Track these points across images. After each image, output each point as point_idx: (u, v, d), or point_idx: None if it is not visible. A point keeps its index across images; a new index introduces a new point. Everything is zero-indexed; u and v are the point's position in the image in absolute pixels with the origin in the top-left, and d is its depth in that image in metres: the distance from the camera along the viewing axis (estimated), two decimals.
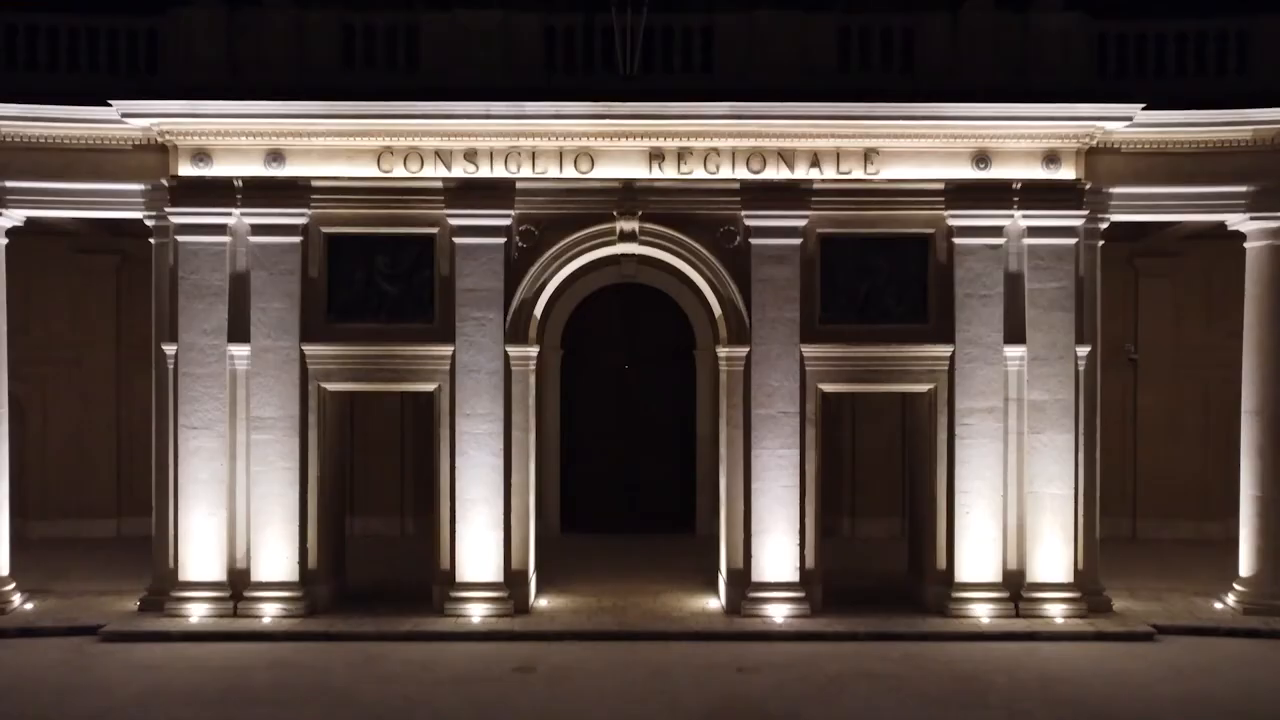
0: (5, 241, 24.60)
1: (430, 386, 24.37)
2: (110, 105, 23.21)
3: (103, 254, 32.56)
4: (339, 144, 23.75)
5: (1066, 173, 23.94)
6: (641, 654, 22.31)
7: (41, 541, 31.56)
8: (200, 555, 23.93)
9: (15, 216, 24.55)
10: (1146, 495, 33.38)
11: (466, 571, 24.02)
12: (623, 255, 25.58)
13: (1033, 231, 24.06)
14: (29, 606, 24.73)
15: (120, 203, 24.51)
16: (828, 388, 24.47)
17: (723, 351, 24.70)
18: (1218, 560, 28.12)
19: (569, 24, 24.25)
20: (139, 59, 24.38)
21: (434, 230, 24.21)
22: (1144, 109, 23.50)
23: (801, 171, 23.92)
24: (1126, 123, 23.55)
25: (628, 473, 33.99)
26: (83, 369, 33.25)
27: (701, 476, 33.54)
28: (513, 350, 24.18)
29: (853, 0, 25.01)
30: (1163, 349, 33.24)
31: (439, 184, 23.92)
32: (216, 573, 23.95)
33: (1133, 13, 24.88)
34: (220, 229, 23.91)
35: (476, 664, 21.75)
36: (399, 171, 23.86)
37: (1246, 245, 24.74)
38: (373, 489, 33.60)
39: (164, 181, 23.93)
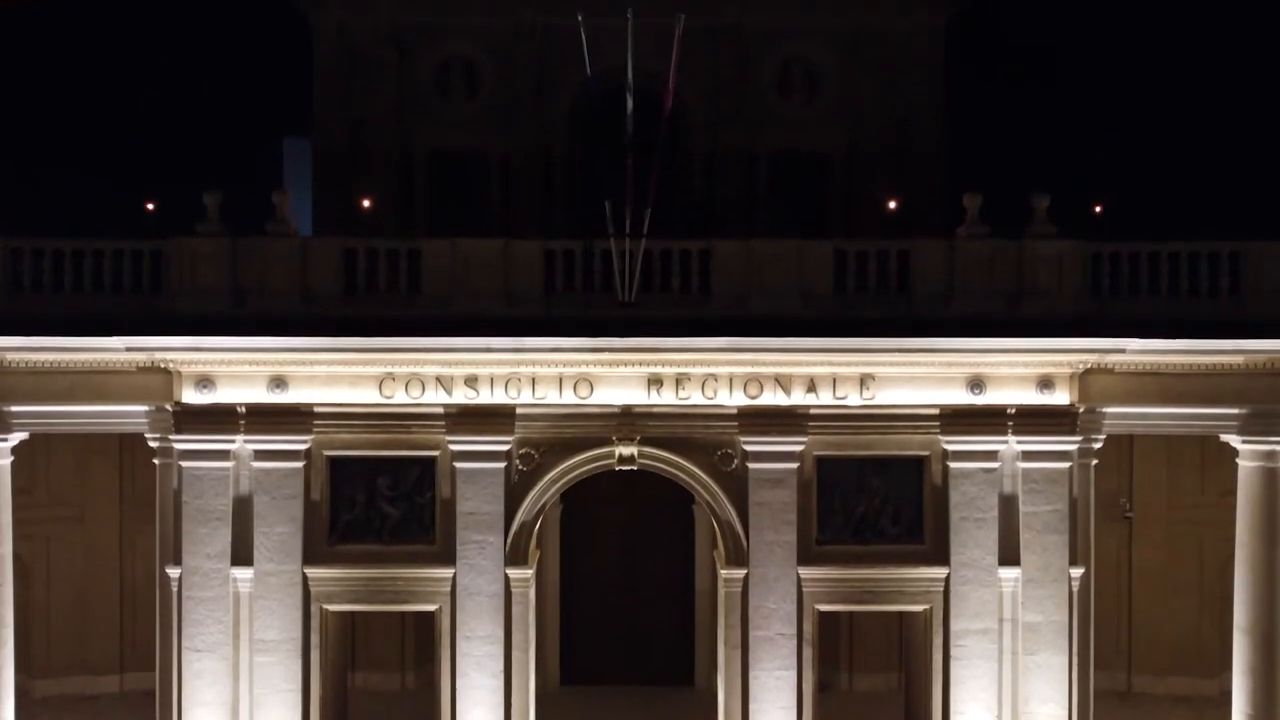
0: (10, 460, 24.87)
1: (431, 607, 24.69)
2: (115, 337, 23.45)
3: None
4: (341, 371, 24.04)
5: (1060, 397, 24.22)
6: None
7: (46, 701, 31.88)
8: None
9: (18, 435, 24.83)
10: (1141, 649, 33.65)
11: None
12: None
13: (1027, 456, 24.38)
14: None
15: (124, 423, 24.85)
16: (824, 608, 24.81)
17: (722, 573, 25.03)
18: None
19: (568, 248, 24.50)
20: (143, 280, 24.61)
21: (435, 453, 24.51)
22: (1137, 338, 23.73)
23: (798, 397, 24.20)
24: (1120, 354, 23.82)
25: (627, 624, 34.25)
26: (85, 525, 33.49)
27: (700, 629, 33.81)
28: (513, 573, 24.51)
29: (851, 224, 25.28)
30: (1157, 505, 33.47)
31: (440, 409, 24.23)
32: None
33: (1126, 229, 25.20)
34: (223, 454, 24.21)
35: None
36: (400, 397, 24.15)
37: (1239, 462, 25.04)
38: (374, 644, 33.80)
39: (167, 406, 24.21)
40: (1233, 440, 24.96)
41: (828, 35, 33.38)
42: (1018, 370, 24.07)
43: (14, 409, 24.31)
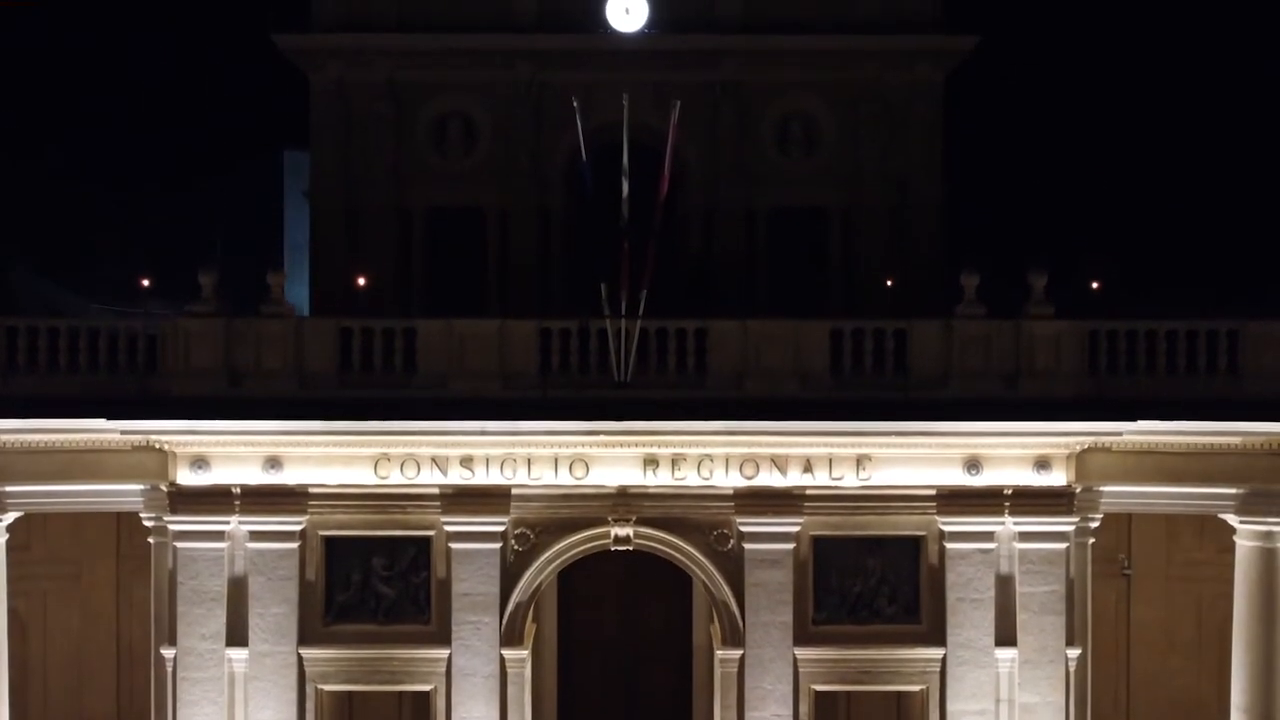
0: (6, 537, 24.84)
1: (426, 687, 24.73)
2: (110, 420, 23.39)
3: None
4: (336, 452, 24.01)
5: (1058, 477, 24.16)
6: None
7: None
8: None
9: (13, 515, 24.82)
10: (1139, 707, 33.41)
11: None
12: None
13: (1024, 536, 24.34)
14: None
15: (119, 502, 24.80)
16: (820, 688, 24.79)
17: (718, 653, 25.03)
18: None
19: (564, 328, 24.43)
20: (138, 360, 24.54)
21: (430, 533, 24.49)
22: (1135, 420, 23.65)
23: (794, 477, 24.14)
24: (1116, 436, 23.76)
25: (626, 679, 34.04)
26: (82, 583, 33.31)
27: (697, 685, 33.66)
28: (508, 654, 24.51)
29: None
30: (1156, 562, 33.32)
31: (435, 489, 24.20)
32: None
33: (1124, 305, 25.15)
34: (218, 535, 24.20)
35: None
36: (396, 477, 24.11)
37: (1236, 540, 24.98)
38: (371, 705, 33.58)
39: (162, 486, 24.16)
40: (1231, 519, 24.87)
41: (827, 91, 33.24)
42: (1015, 451, 24.02)
43: (8, 489, 24.30)
